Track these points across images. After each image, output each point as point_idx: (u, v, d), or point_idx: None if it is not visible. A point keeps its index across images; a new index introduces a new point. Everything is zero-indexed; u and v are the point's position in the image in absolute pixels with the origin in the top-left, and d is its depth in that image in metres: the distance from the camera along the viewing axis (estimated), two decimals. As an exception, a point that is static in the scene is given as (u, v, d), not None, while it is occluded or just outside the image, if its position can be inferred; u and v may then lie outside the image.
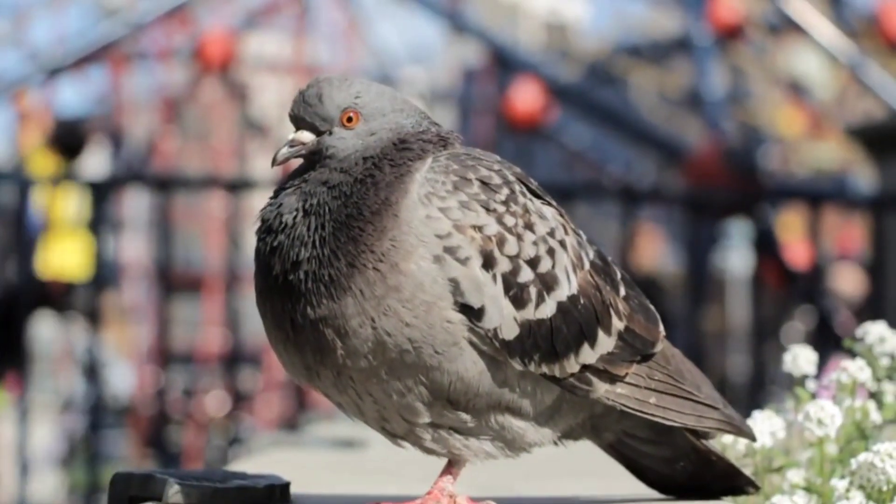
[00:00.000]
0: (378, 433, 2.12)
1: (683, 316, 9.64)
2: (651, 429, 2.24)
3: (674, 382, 2.19)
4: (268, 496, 2.21)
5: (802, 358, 2.53)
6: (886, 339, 2.58)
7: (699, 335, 9.49)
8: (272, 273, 2.03)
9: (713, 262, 11.87)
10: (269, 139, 16.60)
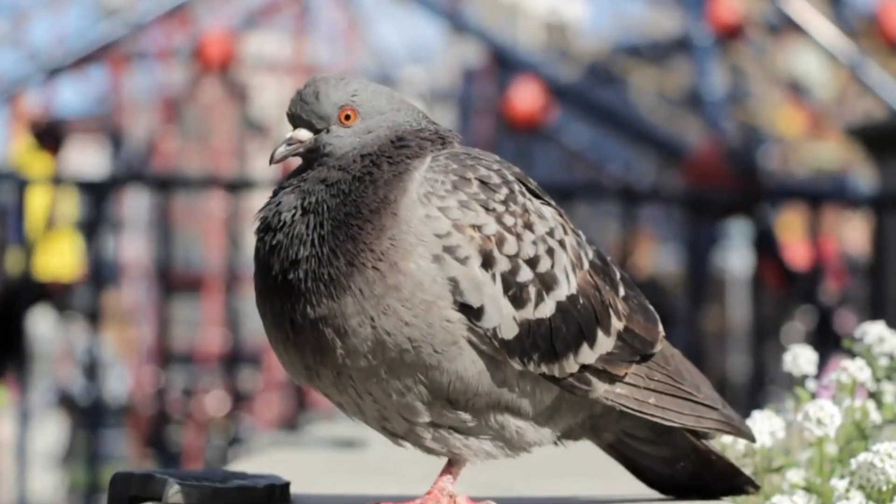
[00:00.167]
0: (378, 433, 2.12)
1: (683, 316, 9.64)
2: (650, 429, 2.24)
3: (673, 383, 2.19)
4: (268, 496, 2.21)
5: (802, 358, 2.53)
6: (886, 339, 2.57)
7: (699, 335, 9.49)
8: (271, 272, 2.02)
9: (713, 262, 11.87)
10: (269, 139, 16.62)
